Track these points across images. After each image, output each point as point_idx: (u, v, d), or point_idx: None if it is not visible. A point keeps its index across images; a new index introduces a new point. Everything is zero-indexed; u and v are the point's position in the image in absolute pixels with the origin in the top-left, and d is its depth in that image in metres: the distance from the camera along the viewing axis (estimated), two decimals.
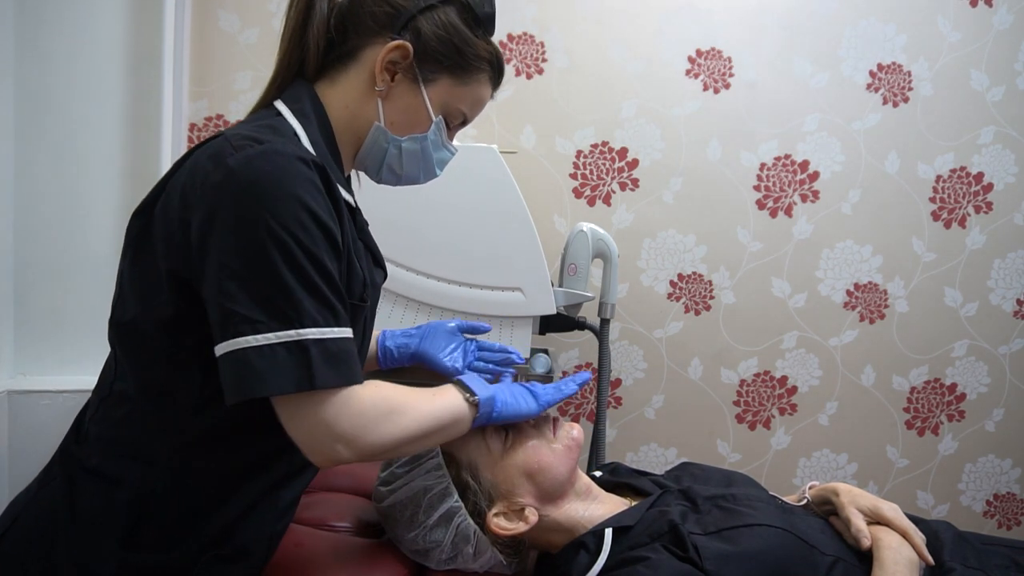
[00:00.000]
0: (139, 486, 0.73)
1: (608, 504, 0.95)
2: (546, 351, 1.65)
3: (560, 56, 1.86)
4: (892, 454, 2.04)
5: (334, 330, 0.68)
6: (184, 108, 1.75)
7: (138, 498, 0.73)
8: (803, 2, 1.87)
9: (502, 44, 1.85)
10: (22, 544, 0.75)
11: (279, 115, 0.77)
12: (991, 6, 1.88)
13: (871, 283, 1.97)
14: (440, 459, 0.88)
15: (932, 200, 1.95)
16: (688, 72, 1.88)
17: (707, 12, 1.86)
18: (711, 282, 1.95)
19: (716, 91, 1.89)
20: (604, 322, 1.63)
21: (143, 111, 1.54)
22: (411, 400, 0.75)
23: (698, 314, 1.96)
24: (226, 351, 0.65)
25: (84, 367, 1.51)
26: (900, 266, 1.96)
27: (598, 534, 0.88)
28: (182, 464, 0.74)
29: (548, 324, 1.57)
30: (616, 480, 1.06)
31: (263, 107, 0.81)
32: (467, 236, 1.45)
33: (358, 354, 0.82)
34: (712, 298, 1.96)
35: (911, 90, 1.91)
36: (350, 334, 0.70)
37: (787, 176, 1.92)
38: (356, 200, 0.87)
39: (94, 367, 0.82)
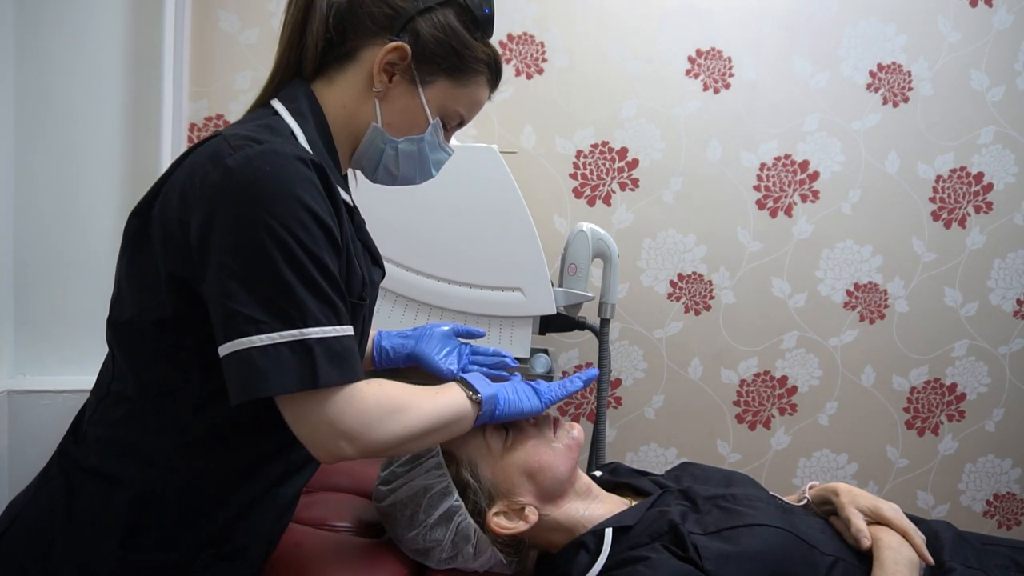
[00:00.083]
0: (138, 486, 0.73)
1: (608, 504, 0.95)
2: (546, 351, 1.65)
3: (560, 56, 1.86)
4: (892, 454, 2.04)
5: (336, 328, 0.68)
6: (184, 108, 1.75)
7: (137, 498, 0.73)
8: (803, 2, 1.87)
9: (502, 44, 1.85)
10: (21, 544, 0.75)
11: (276, 114, 0.77)
12: (991, 6, 1.88)
13: (871, 283, 1.97)
14: (440, 458, 0.88)
15: (932, 200, 1.95)
16: (688, 72, 1.88)
17: (707, 12, 1.86)
18: (711, 282, 1.95)
19: (716, 91, 1.89)
20: (604, 322, 1.63)
21: (143, 111, 1.54)
22: (414, 398, 0.75)
23: (698, 314, 1.96)
24: (230, 351, 0.65)
25: (84, 367, 1.51)
26: (900, 266, 1.96)
27: (598, 534, 0.88)
28: (181, 463, 0.74)
29: (548, 324, 1.57)
30: (616, 480, 1.06)
31: (260, 106, 0.81)
32: (467, 236, 1.45)
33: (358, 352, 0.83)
34: (712, 298, 1.96)
35: (911, 90, 1.91)
36: (351, 332, 0.70)
37: (787, 176, 1.92)
38: (353, 199, 0.87)
39: (94, 367, 0.82)
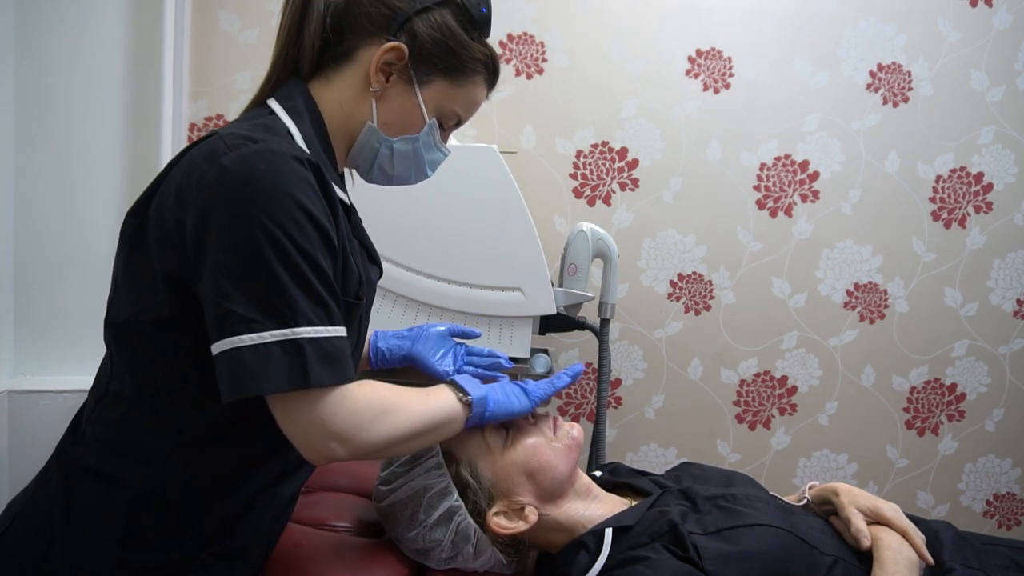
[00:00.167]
0: (136, 485, 0.73)
1: (608, 504, 0.95)
2: (546, 351, 1.65)
3: (560, 56, 1.86)
4: (892, 454, 2.04)
5: (328, 329, 0.68)
6: (184, 108, 1.75)
7: (135, 497, 0.73)
8: (803, 2, 1.87)
9: (502, 44, 1.85)
10: (20, 545, 0.75)
11: (272, 114, 0.77)
12: (991, 6, 1.88)
13: (871, 283, 1.97)
14: (440, 458, 0.88)
15: (932, 200, 1.95)
16: (688, 72, 1.88)
17: (707, 12, 1.86)
18: (711, 282, 1.95)
19: (716, 91, 1.89)
20: (604, 322, 1.63)
21: (143, 111, 1.54)
22: (405, 399, 0.75)
23: (698, 314, 1.96)
24: (221, 350, 0.65)
25: (84, 367, 1.51)
26: (900, 266, 1.96)
27: (598, 534, 0.88)
28: (179, 463, 0.74)
29: (548, 324, 1.57)
30: (616, 480, 1.06)
31: (257, 105, 0.81)
32: (467, 236, 1.45)
33: (354, 352, 0.82)
34: (712, 298, 1.96)
35: (911, 90, 1.91)
36: (344, 333, 0.70)
37: (787, 176, 1.92)
38: (351, 198, 0.87)
39: (94, 367, 0.82)
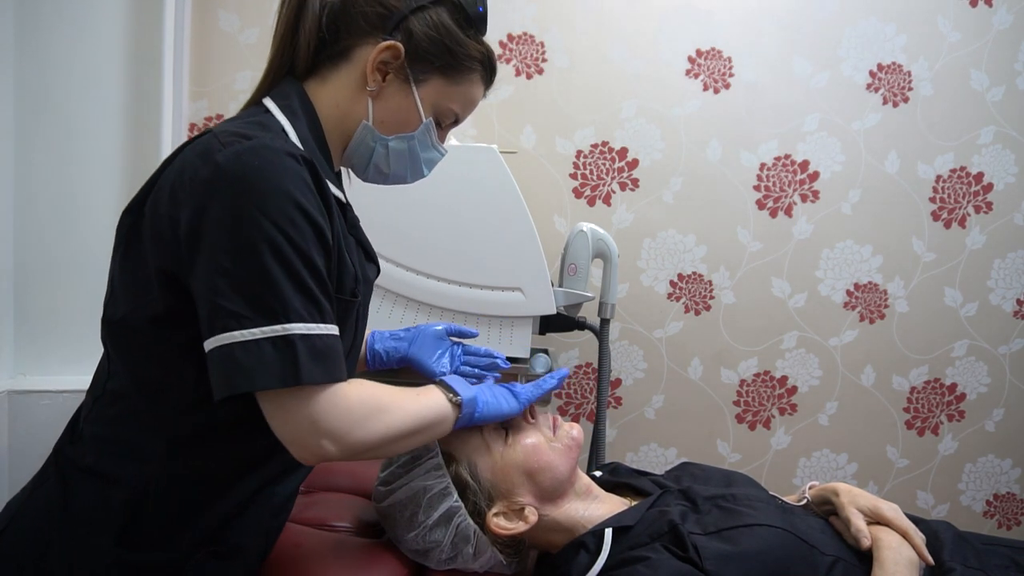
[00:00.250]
0: (134, 484, 0.73)
1: (608, 504, 0.95)
2: (546, 351, 1.65)
3: (560, 56, 1.86)
4: (892, 454, 2.04)
5: (320, 326, 0.67)
6: (184, 108, 1.75)
7: (133, 496, 0.73)
8: (803, 2, 1.87)
9: (502, 44, 1.85)
10: (18, 545, 0.75)
11: (267, 112, 0.78)
12: (991, 6, 1.88)
13: (871, 283, 1.97)
14: (440, 459, 0.88)
15: (932, 200, 1.95)
16: (688, 72, 1.88)
17: (707, 12, 1.86)
18: (711, 282, 1.95)
19: (716, 91, 1.89)
20: (604, 322, 1.63)
21: (143, 111, 1.54)
22: (396, 399, 0.75)
23: (698, 314, 1.96)
24: (213, 347, 0.65)
25: (84, 367, 1.51)
26: (900, 266, 1.96)
27: (598, 534, 0.88)
28: (176, 461, 0.74)
29: (548, 324, 1.57)
30: (616, 480, 1.06)
31: (252, 105, 0.81)
32: (467, 236, 1.45)
33: (351, 351, 0.82)
34: (712, 298, 1.96)
35: (911, 90, 1.91)
36: (336, 331, 0.70)
37: (787, 176, 1.92)
38: (347, 196, 0.86)
39: (94, 367, 0.82)
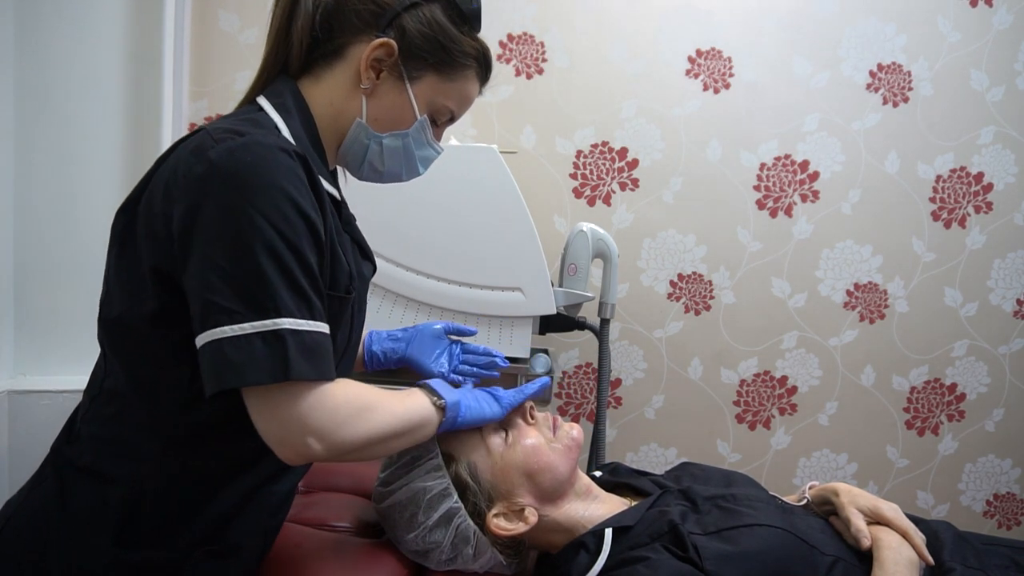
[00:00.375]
0: (131, 483, 0.73)
1: (608, 504, 0.95)
2: (546, 351, 1.65)
3: (560, 56, 1.86)
4: (892, 454, 2.04)
5: (310, 323, 0.67)
6: (184, 108, 1.75)
7: (130, 495, 0.73)
8: (803, 2, 1.87)
9: (502, 44, 1.85)
10: (16, 545, 0.75)
11: (261, 110, 0.78)
12: (991, 6, 1.88)
13: (871, 283, 1.97)
14: (439, 460, 0.88)
15: (932, 200, 1.95)
16: (688, 72, 1.88)
17: (707, 12, 1.86)
18: (711, 282, 1.95)
19: (716, 91, 1.89)
20: (604, 322, 1.63)
21: (143, 111, 1.54)
22: (382, 400, 0.75)
23: (698, 314, 1.96)
24: (204, 342, 0.65)
25: (84, 367, 1.48)
26: (900, 266, 1.96)
27: (598, 534, 0.88)
28: (173, 460, 0.74)
29: (548, 324, 1.57)
30: (616, 480, 1.06)
31: (247, 103, 0.82)
32: (467, 236, 1.45)
33: (348, 348, 0.82)
34: (712, 298, 1.96)
35: (911, 90, 1.91)
36: (327, 330, 0.70)
37: (787, 176, 1.92)
38: (342, 194, 0.86)
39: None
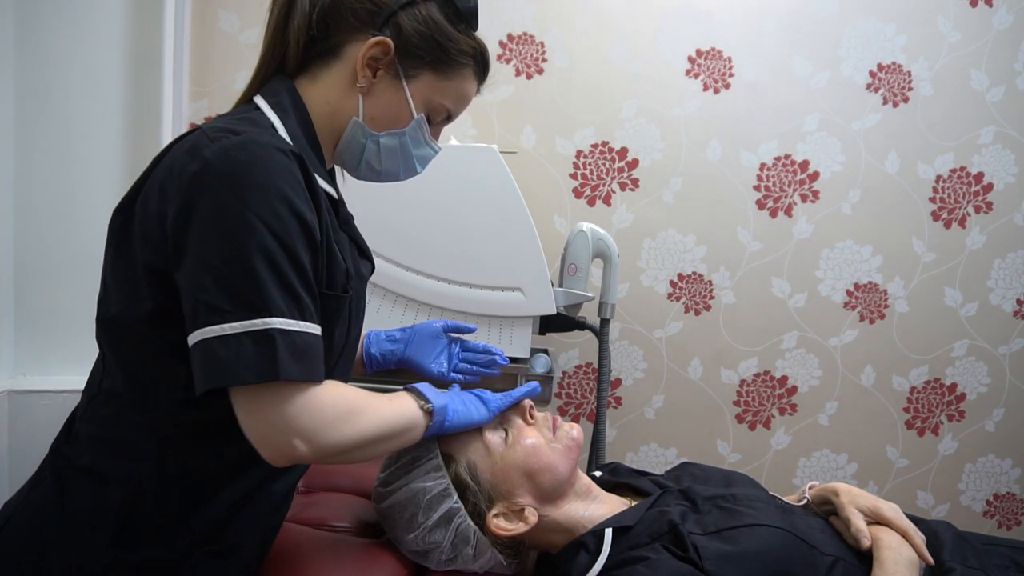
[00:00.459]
0: (130, 483, 0.73)
1: (608, 504, 0.95)
2: (546, 351, 1.64)
3: (560, 56, 1.86)
4: (892, 454, 2.04)
5: (300, 323, 0.67)
6: (184, 108, 1.75)
7: (129, 495, 0.73)
8: (803, 2, 1.87)
9: (502, 44, 1.85)
10: (15, 545, 0.75)
11: (257, 109, 0.78)
12: (991, 6, 1.88)
13: (871, 283, 1.97)
14: (439, 460, 0.88)
15: (932, 200, 1.95)
16: (688, 72, 1.88)
17: (707, 12, 1.86)
18: (711, 282, 1.95)
19: (716, 91, 1.89)
20: (604, 322, 1.63)
21: (143, 111, 1.54)
22: (370, 403, 0.75)
23: (698, 314, 1.96)
24: (195, 341, 0.65)
25: (84, 367, 1.47)
26: (900, 266, 1.96)
27: (598, 534, 0.88)
28: (171, 460, 0.74)
29: (548, 324, 1.57)
30: (616, 480, 1.06)
31: (243, 103, 0.82)
32: (467, 236, 1.45)
33: (345, 347, 0.82)
34: (712, 298, 1.96)
35: (911, 90, 1.91)
36: (318, 331, 0.69)
37: (787, 176, 1.92)
38: (339, 193, 0.86)
39: None
